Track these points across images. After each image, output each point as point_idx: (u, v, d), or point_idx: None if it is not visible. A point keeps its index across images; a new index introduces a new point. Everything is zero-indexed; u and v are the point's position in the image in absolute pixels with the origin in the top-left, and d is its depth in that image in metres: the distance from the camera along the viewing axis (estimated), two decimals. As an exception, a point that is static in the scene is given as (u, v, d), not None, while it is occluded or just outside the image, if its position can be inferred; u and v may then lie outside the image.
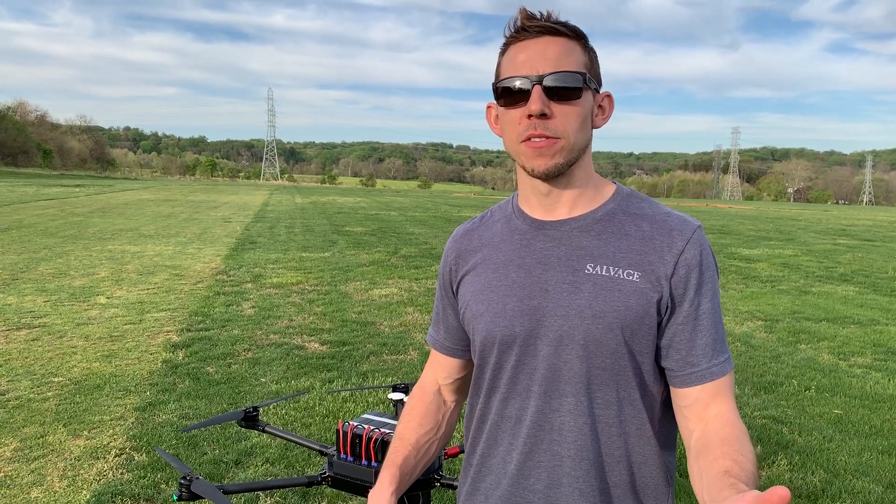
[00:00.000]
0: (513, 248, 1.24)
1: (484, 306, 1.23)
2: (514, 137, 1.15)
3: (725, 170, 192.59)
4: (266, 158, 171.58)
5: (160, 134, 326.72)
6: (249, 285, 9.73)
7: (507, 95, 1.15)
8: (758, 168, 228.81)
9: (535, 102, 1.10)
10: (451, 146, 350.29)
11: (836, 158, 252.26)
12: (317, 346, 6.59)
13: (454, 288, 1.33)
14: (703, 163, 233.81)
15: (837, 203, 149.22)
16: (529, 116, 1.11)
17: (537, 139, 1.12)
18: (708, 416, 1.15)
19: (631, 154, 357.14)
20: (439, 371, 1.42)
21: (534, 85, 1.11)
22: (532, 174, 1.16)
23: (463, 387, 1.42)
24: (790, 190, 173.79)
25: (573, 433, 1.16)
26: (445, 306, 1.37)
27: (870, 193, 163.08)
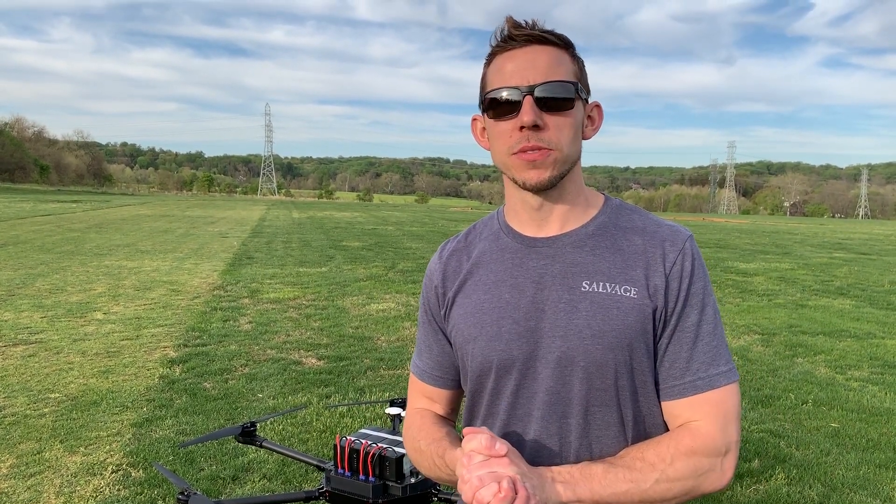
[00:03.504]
0: (504, 268, 1.19)
1: (477, 329, 1.18)
2: (505, 150, 1.11)
3: (721, 184, 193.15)
4: (263, 174, 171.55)
5: (157, 149, 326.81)
6: (246, 300, 9.72)
7: (496, 107, 1.10)
8: (754, 182, 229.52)
9: (528, 114, 1.06)
10: (448, 161, 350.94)
11: (831, 172, 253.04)
12: (314, 361, 6.58)
13: (443, 311, 1.26)
14: (699, 177, 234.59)
15: (834, 217, 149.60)
16: (521, 128, 1.08)
17: (530, 151, 1.08)
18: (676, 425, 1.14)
19: (627, 168, 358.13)
20: (425, 403, 1.34)
21: (524, 95, 1.07)
22: (524, 187, 1.13)
23: (451, 414, 1.35)
24: (786, 204, 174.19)
25: (572, 456, 1.13)
26: (431, 332, 1.30)
27: (866, 207, 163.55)
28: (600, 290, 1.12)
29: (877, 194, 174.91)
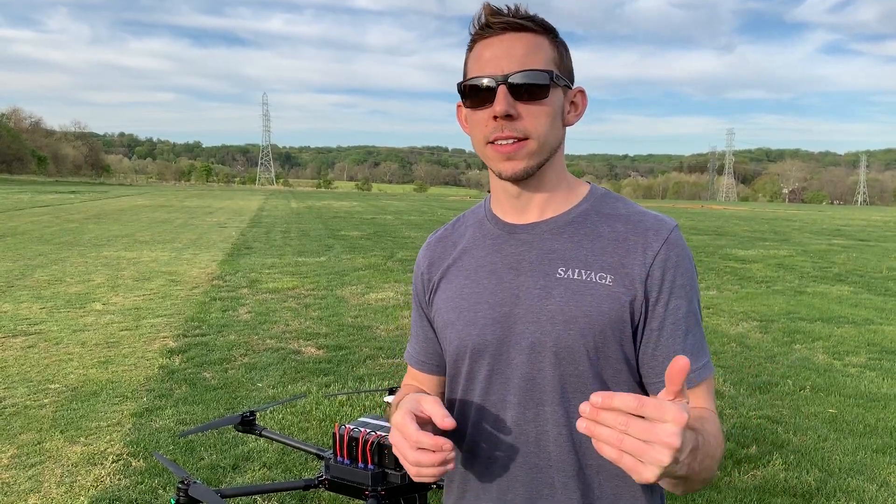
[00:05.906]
0: (484, 254, 1.19)
1: (455, 314, 1.18)
2: (481, 139, 1.10)
3: (720, 171, 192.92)
4: (261, 163, 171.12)
5: (155, 139, 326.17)
6: (245, 290, 9.73)
7: (473, 95, 1.09)
8: (753, 169, 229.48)
9: (500, 103, 1.05)
10: (446, 149, 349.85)
11: (830, 159, 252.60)
12: (313, 350, 6.59)
13: (427, 297, 1.27)
14: (698, 164, 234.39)
15: (832, 203, 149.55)
16: (495, 118, 1.06)
17: (504, 141, 1.07)
18: None
19: (626, 156, 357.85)
20: (413, 384, 1.35)
21: (499, 84, 1.05)
22: (500, 177, 1.12)
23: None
24: (785, 191, 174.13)
25: (551, 444, 1.11)
26: (418, 318, 1.32)
27: (864, 193, 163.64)
28: (575, 276, 1.10)
29: (875, 181, 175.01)
